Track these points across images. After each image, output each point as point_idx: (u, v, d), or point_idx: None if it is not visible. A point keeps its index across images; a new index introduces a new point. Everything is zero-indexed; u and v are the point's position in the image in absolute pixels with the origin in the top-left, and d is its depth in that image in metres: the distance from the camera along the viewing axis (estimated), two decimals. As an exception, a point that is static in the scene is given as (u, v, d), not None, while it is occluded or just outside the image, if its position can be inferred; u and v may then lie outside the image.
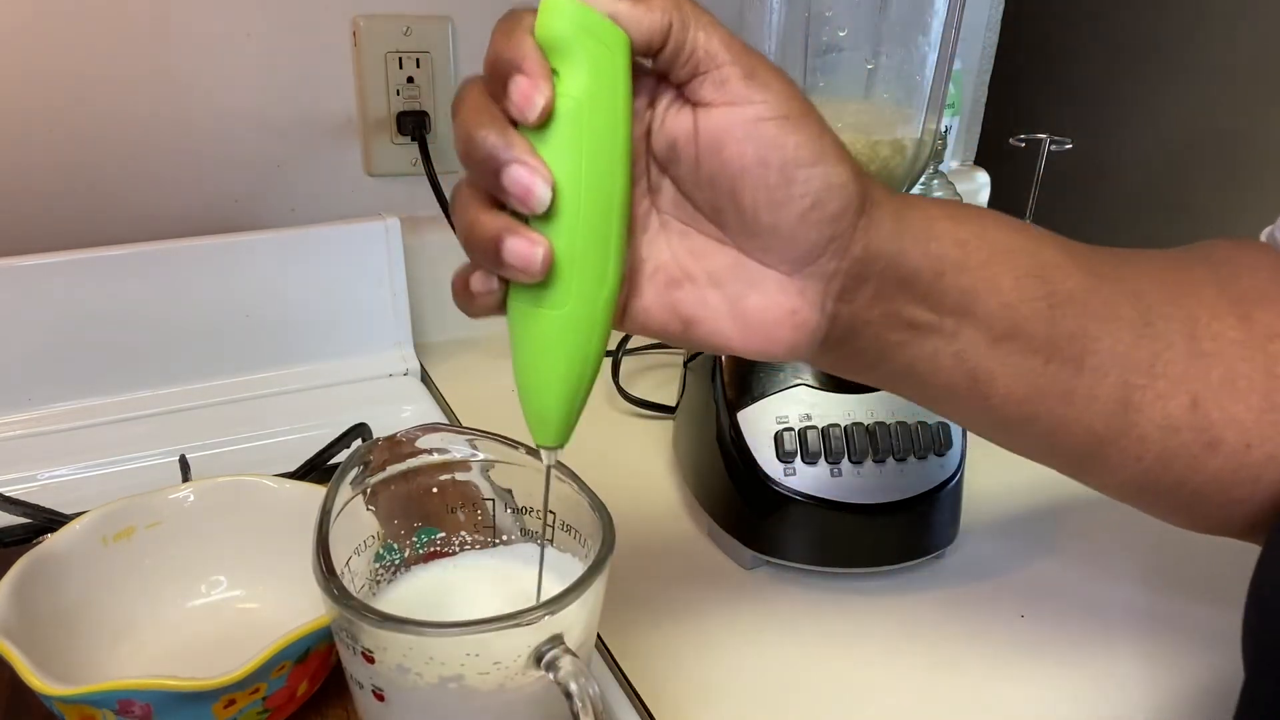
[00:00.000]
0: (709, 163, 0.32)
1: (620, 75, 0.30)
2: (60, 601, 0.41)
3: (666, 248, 0.35)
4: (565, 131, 0.30)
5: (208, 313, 0.68)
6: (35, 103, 0.66)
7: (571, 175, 0.30)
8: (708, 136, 0.32)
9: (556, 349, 0.33)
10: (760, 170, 0.32)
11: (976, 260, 0.35)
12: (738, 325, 0.34)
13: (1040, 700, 0.46)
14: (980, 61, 1.05)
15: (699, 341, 0.35)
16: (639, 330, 0.35)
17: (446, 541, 0.41)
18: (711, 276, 0.34)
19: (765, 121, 0.31)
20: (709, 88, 0.31)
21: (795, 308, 0.34)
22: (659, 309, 0.35)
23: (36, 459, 0.62)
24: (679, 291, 0.34)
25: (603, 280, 0.32)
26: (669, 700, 0.45)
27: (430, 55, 0.75)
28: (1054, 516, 0.60)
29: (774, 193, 0.32)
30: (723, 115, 0.31)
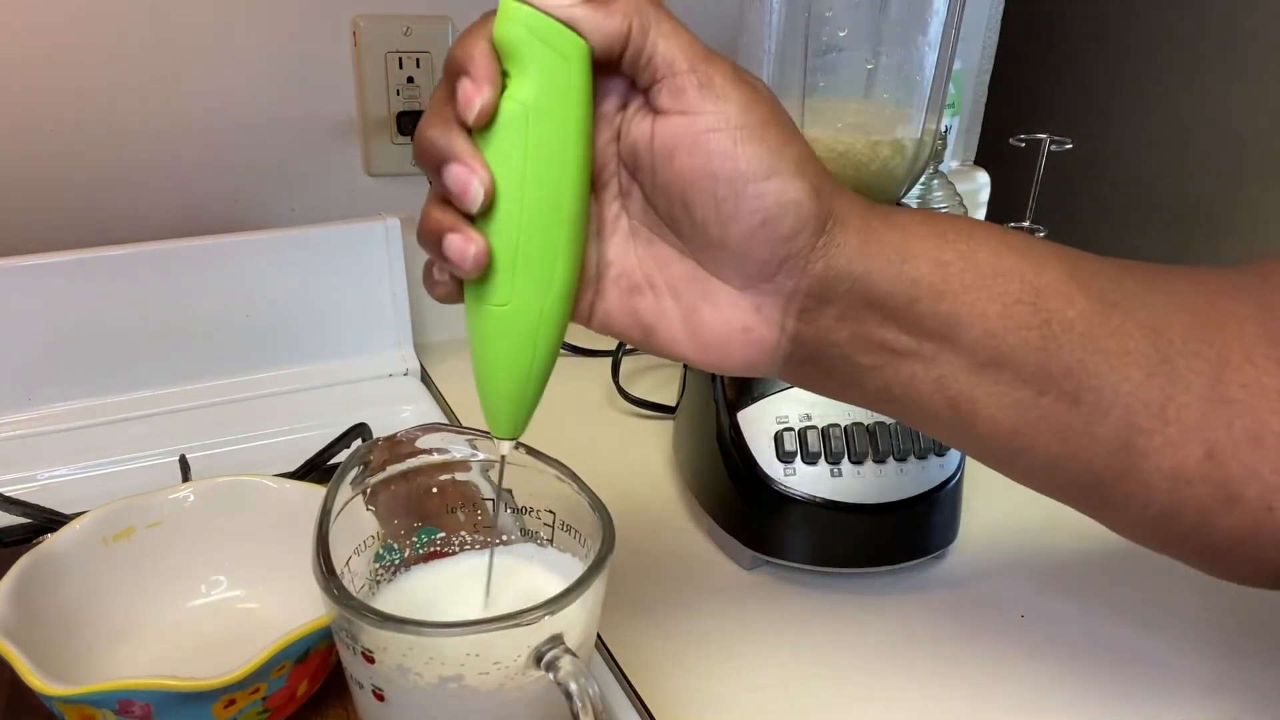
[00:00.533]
0: (663, 171, 0.32)
1: (575, 82, 0.30)
2: (60, 601, 0.41)
3: (633, 253, 0.35)
4: (510, 135, 0.30)
5: (207, 313, 0.68)
6: (35, 103, 0.66)
7: (515, 178, 0.31)
8: (661, 144, 0.32)
9: (500, 344, 0.33)
10: (708, 183, 0.31)
11: (959, 284, 0.34)
12: (692, 337, 0.34)
13: (1040, 700, 0.46)
14: (980, 61, 1.05)
15: (658, 349, 0.35)
16: (603, 331, 0.36)
17: (446, 541, 0.41)
18: (671, 286, 0.35)
19: (716, 133, 0.31)
20: (666, 96, 0.31)
21: (749, 324, 0.34)
22: (620, 313, 0.35)
23: (36, 459, 0.62)
24: (640, 298, 0.35)
25: (548, 283, 0.32)
26: (669, 700, 0.45)
27: (430, 55, 0.75)
28: (1054, 517, 0.60)
29: (722, 206, 0.32)
30: (676, 124, 0.31)
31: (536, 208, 0.31)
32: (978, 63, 1.05)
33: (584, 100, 0.31)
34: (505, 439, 0.36)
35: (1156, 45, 0.86)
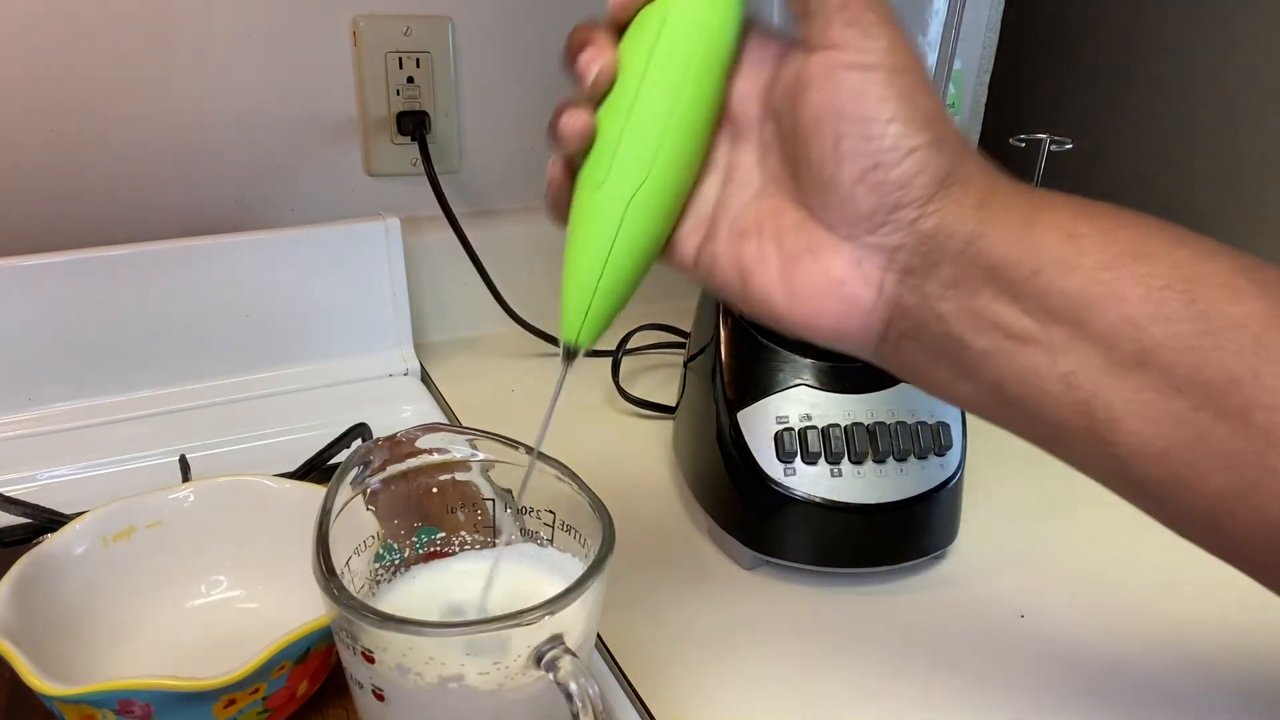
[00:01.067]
0: (795, 106, 0.32)
1: (719, 9, 0.32)
2: (60, 601, 0.41)
3: (754, 203, 0.34)
4: (642, 31, 0.33)
5: (207, 313, 0.68)
6: (35, 103, 0.66)
7: (637, 72, 0.32)
8: (800, 78, 0.31)
9: (585, 227, 0.33)
10: (833, 119, 0.30)
11: (1093, 260, 0.29)
12: (786, 288, 0.33)
13: (1040, 700, 0.46)
14: (980, 61, 1.05)
15: (753, 300, 0.34)
16: (705, 277, 0.35)
17: (446, 541, 0.41)
18: (777, 233, 0.33)
19: (852, 70, 0.30)
20: (814, 30, 0.31)
21: (844, 278, 0.32)
22: (726, 256, 0.34)
23: (36, 459, 0.62)
24: (746, 243, 0.34)
25: (643, 174, 0.32)
26: (669, 700, 0.45)
27: (430, 55, 0.75)
28: (1054, 517, 0.60)
29: (840, 144, 0.30)
30: (817, 58, 0.31)
31: (648, 102, 0.32)
32: (978, 63, 1.04)
33: (724, 24, 0.32)
34: (571, 343, 0.35)
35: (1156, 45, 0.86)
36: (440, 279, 0.80)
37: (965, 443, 0.53)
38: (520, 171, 0.84)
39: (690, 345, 0.61)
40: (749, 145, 0.35)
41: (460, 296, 0.81)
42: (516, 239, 0.83)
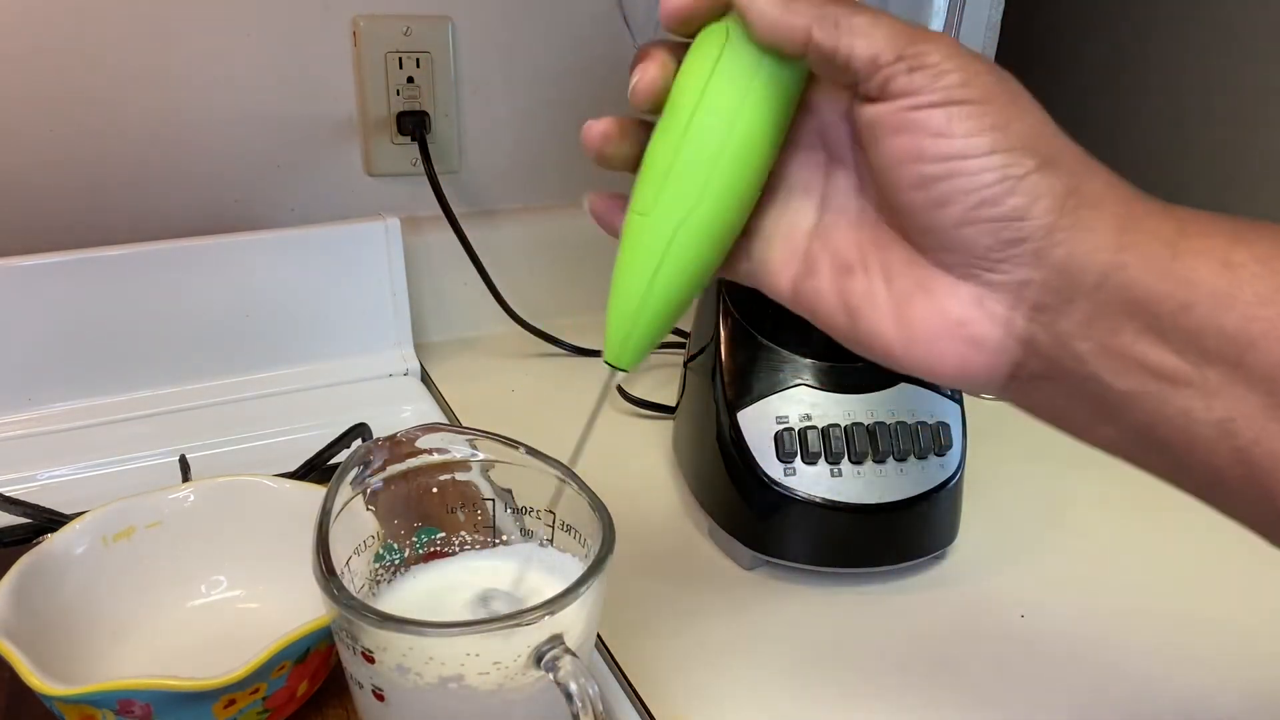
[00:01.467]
0: (874, 153, 0.30)
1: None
2: (60, 601, 0.41)
3: (851, 233, 0.32)
4: (704, 49, 0.31)
5: (208, 313, 0.68)
6: (35, 103, 0.66)
7: (694, 92, 0.31)
8: (872, 126, 0.30)
9: (630, 253, 0.33)
10: (917, 164, 0.29)
11: (1252, 293, 0.26)
12: (901, 328, 0.31)
13: (1040, 700, 0.46)
14: (980, 61, 1.04)
15: (862, 339, 0.32)
16: (807, 309, 0.33)
17: (446, 541, 0.41)
18: (885, 269, 0.31)
19: (929, 110, 0.28)
20: (875, 88, 0.29)
21: (966, 318, 0.29)
22: (829, 293, 0.32)
23: (36, 459, 0.62)
24: (851, 279, 0.32)
25: (692, 205, 0.31)
26: (669, 700, 0.45)
27: (430, 55, 0.75)
28: (1054, 517, 0.60)
29: (933, 188, 0.28)
30: (885, 107, 0.29)
31: (701, 129, 0.31)
32: (978, 63, 1.04)
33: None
34: (611, 364, 0.34)
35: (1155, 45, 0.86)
36: (440, 279, 0.80)
37: (965, 443, 0.53)
38: (520, 171, 0.84)
39: (690, 345, 0.61)
40: (843, 170, 0.33)
41: (460, 296, 0.81)
42: (516, 239, 0.83)
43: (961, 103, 0.28)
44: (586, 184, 0.92)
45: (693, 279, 0.33)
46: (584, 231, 0.89)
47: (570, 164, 0.85)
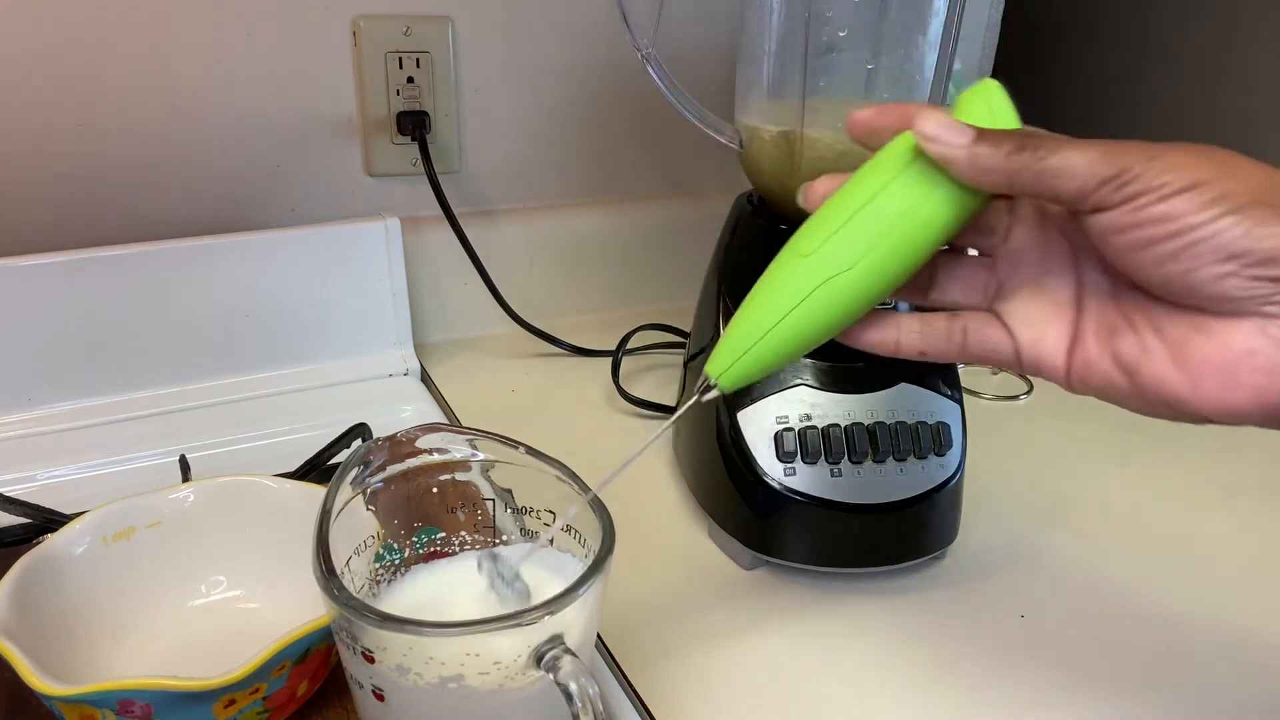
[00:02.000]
0: (1107, 246, 0.32)
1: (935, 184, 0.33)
2: (60, 601, 0.41)
3: (1113, 301, 0.34)
4: (900, 148, 0.33)
5: (208, 313, 0.68)
6: (35, 103, 0.66)
7: (887, 169, 0.33)
8: (1098, 230, 0.31)
9: (774, 285, 0.35)
10: (1154, 248, 0.30)
11: None
12: (1185, 373, 0.31)
13: (1039, 700, 0.46)
14: (980, 61, 1.04)
15: (1147, 396, 0.32)
16: (1084, 385, 0.34)
17: (446, 541, 0.42)
18: (1152, 323, 0.32)
19: (1153, 206, 0.30)
20: (1089, 207, 0.31)
21: (1254, 348, 0.30)
22: (1100, 359, 0.33)
23: (36, 459, 0.62)
24: (1120, 339, 0.33)
25: (849, 265, 0.33)
26: (669, 700, 0.45)
27: (430, 55, 0.75)
28: (1054, 517, 0.60)
29: (1179, 261, 0.30)
30: (1108, 215, 0.30)
31: (882, 207, 0.33)
32: (978, 63, 1.04)
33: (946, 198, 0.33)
34: (712, 379, 0.36)
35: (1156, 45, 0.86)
36: (440, 279, 0.81)
37: (965, 443, 0.53)
38: (520, 171, 0.84)
39: (690, 345, 0.61)
40: (1087, 252, 0.34)
41: (460, 296, 0.81)
42: (516, 239, 0.83)
43: (1178, 192, 0.29)
44: (586, 184, 0.93)
45: (819, 328, 0.35)
46: (584, 231, 0.89)
47: (570, 164, 0.85)
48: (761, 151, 0.54)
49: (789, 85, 0.52)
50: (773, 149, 0.53)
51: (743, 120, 0.55)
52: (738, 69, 0.56)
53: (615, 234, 0.87)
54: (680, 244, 0.88)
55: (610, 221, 0.87)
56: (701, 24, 0.83)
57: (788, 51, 0.52)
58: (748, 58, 0.55)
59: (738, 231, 0.56)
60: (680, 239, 0.88)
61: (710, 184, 0.91)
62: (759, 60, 0.54)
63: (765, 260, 0.54)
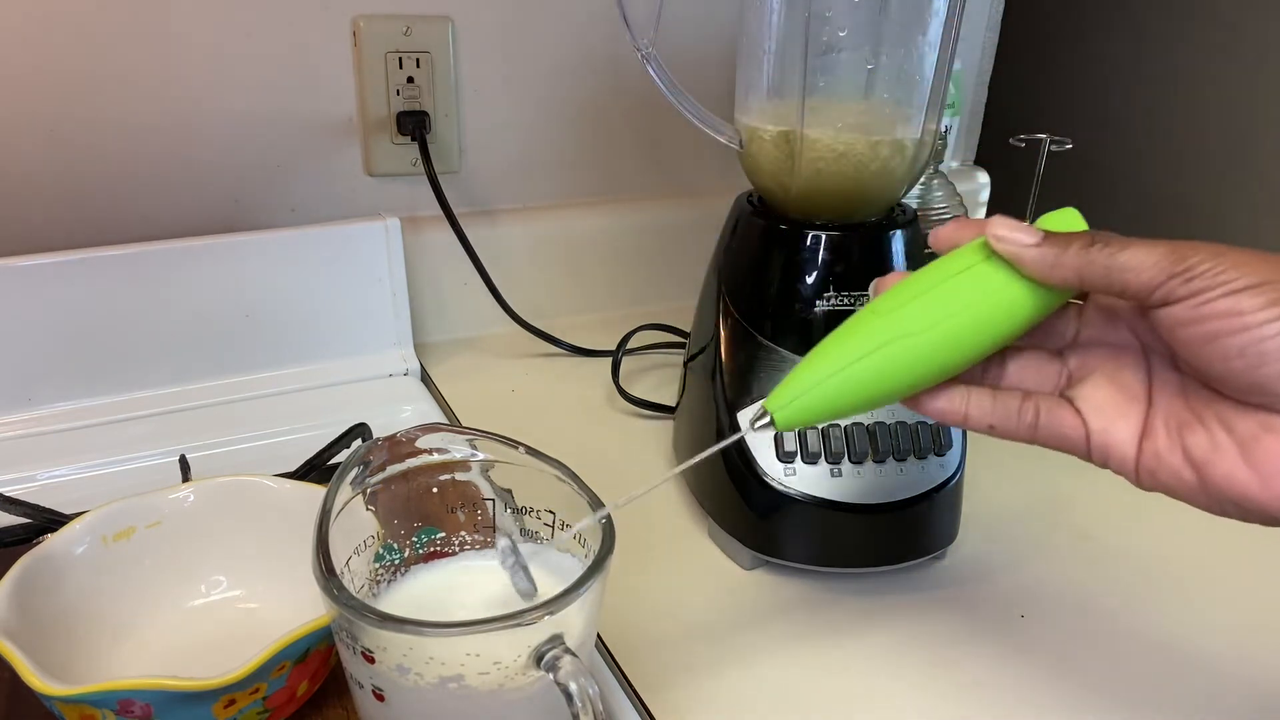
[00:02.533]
0: (1175, 341, 0.33)
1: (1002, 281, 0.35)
2: (60, 601, 0.41)
3: (1182, 398, 0.35)
4: (967, 252, 0.36)
5: (208, 313, 0.68)
6: (35, 103, 0.66)
7: (962, 262, 0.35)
8: (1166, 324, 0.33)
9: (849, 334, 0.36)
10: (1220, 343, 0.31)
11: None
12: (1255, 470, 0.32)
13: (1039, 700, 0.46)
14: (980, 61, 1.05)
15: (1216, 493, 0.33)
16: (1152, 481, 0.35)
17: (446, 541, 0.41)
18: (1221, 419, 0.33)
19: (1218, 301, 0.31)
20: (1157, 300, 0.32)
21: None
22: (1170, 453, 0.34)
23: (36, 459, 0.62)
24: (1190, 434, 0.34)
25: (918, 330, 0.35)
26: (669, 700, 0.45)
27: (430, 55, 0.75)
28: (1054, 517, 0.60)
29: (1245, 357, 0.31)
30: (1175, 309, 0.32)
31: (959, 287, 0.35)
32: (978, 63, 1.05)
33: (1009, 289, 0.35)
34: (769, 412, 0.36)
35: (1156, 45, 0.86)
36: (440, 279, 0.81)
37: (965, 443, 0.53)
38: (520, 171, 0.84)
39: (690, 345, 0.61)
40: (1157, 349, 0.36)
41: (460, 296, 0.81)
42: (516, 239, 0.83)
43: (1244, 289, 0.31)
44: (586, 184, 0.93)
45: (885, 384, 0.36)
46: (584, 231, 0.89)
47: (570, 164, 0.85)
48: (761, 151, 0.54)
49: (789, 85, 0.52)
50: (773, 149, 0.53)
51: (743, 120, 0.55)
52: (738, 69, 0.56)
53: (615, 234, 0.87)
54: (680, 244, 0.88)
55: (610, 221, 0.87)
56: (701, 24, 0.83)
57: (788, 51, 0.52)
58: (748, 58, 0.55)
59: (738, 231, 0.56)
60: (680, 239, 0.88)
61: (710, 184, 0.91)
62: (759, 60, 0.54)
63: (765, 260, 0.54)
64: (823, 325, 0.52)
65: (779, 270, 0.53)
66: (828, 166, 0.52)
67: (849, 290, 0.52)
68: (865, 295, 0.52)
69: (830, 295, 0.52)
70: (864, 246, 0.53)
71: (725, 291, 0.55)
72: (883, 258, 0.53)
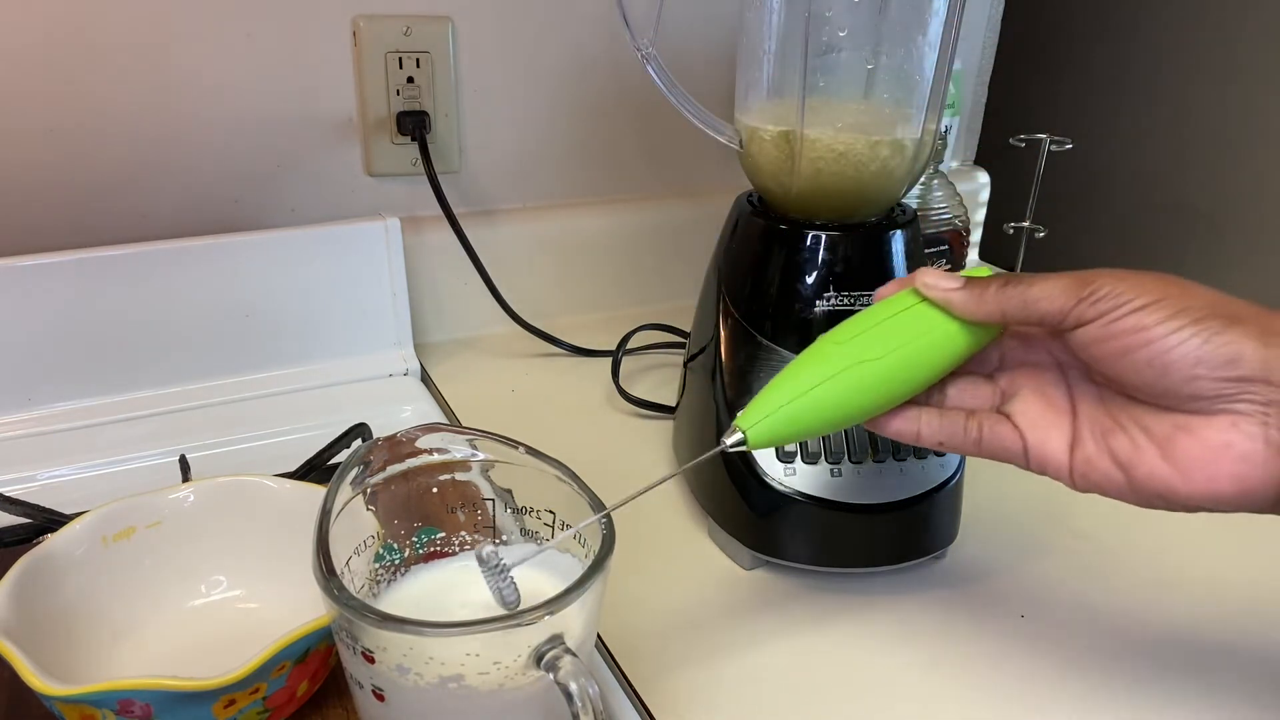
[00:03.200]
0: (1088, 357, 0.37)
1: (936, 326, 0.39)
2: (60, 601, 0.41)
3: (1102, 406, 0.38)
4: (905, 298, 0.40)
5: (208, 313, 0.68)
6: (35, 103, 0.66)
7: (901, 304, 0.40)
8: (1078, 343, 0.37)
9: (807, 362, 0.39)
10: (1128, 357, 0.35)
11: None
12: (1174, 466, 0.35)
13: (1040, 700, 0.46)
14: (980, 61, 1.05)
15: (1143, 489, 0.36)
16: (1085, 483, 0.38)
17: (446, 541, 0.42)
18: (1138, 422, 0.37)
19: (1124, 319, 0.35)
20: (1070, 323, 0.36)
21: (1229, 441, 0.34)
22: (1098, 457, 0.37)
23: (36, 459, 0.62)
24: (1114, 438, 0.37)
25: (869, 359, 0.38)
26: (669, 700, 0.45)
27: (430, 55, 0.75)
28: (1054, 517, 0.60)
29: (1152, 367, 0.35)
30: (1085, 329, 0.36)
31: (901, 324, 0.39)
32: (978, 63, 1.05)
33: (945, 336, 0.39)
34: (740, 430, 0.39)
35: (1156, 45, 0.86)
36: (440, 279, 0.81)
37: (965, 443, 0.53)
38: (520, 171, 0.84)
39: (690, 345, 0.61)
40: (1074, 367, 0.40)
41: (460, 296, 0.81)
42: (516, 239, 0.83)
43: (1145, 306, 0.34)
44: (586, 184, 0.93)
45: (847, 406, 0.39)
46: (584, 231, 0.89)
47: (570, 164, 0.85)
48: (761, 151, 0.54)
49: (789, 85, 0.52)
50: (773, 149, 0.53)
51: (743, 120, 0.55)
52: (738, 69, 0.56)
53: (615, 234, 0.87)
54: (680, 244, 0.88)
55: (610, 221, 0.87)
56: (701, 24, 0.83)
57: (788, 51, 0.52)
58: (748, 58, 0.55)
59: (738, 231, 0.56)
60: (680, 239, 0.88)
61: (710, 184, 0.91)
62: (759, 60, 0.54)
63: (765, 260, 0.54)
64: (823, 325, 0.52)
65: (779, 270, 0.53)
66: (827, 166, 0.52)
67: (849, 290, 0.52)
68: (865, 295, 0.52)
69: (830, 295, 0.52)
70: (864, 246, 0.53)
71: (725, 291, 0.55)
72: (883, 258, 0.53)
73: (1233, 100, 0.83)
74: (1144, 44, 0.90)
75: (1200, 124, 0.86)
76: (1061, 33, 0.97)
